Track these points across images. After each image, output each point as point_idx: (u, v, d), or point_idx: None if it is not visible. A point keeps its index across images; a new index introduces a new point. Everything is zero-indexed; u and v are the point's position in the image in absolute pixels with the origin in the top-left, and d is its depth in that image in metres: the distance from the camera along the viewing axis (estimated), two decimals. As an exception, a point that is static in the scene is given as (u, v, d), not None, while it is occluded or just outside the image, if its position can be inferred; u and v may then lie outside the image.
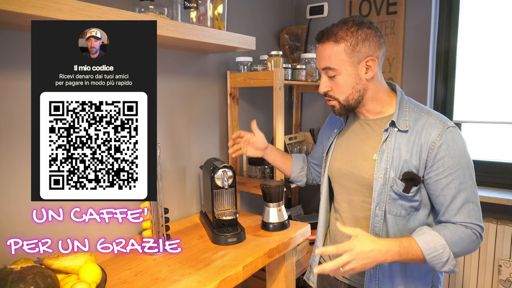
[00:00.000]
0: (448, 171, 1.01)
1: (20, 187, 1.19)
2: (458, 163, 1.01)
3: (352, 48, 1.04)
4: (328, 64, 1.07)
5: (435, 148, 1.01)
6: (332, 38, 1.05)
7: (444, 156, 1.00)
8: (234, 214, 1.42)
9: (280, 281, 1.52)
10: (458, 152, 1.01)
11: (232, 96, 1.81)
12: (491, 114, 1.92)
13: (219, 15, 1.43)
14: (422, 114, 1.08)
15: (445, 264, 0.98)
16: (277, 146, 1.67)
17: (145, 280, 1.10)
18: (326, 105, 2.28)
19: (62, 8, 0.90)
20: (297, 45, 2.21)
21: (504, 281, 1.77)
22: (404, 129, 1.06)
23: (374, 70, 1.07)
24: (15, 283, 0.80)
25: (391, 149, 1.06)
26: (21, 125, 1.12)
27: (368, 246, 0.94)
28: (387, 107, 1.12)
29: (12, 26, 1.02)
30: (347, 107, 1.10)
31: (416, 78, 1.95)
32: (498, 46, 1.86)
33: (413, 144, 1.04)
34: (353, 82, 1.07)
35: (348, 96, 1.09)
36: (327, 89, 1.11)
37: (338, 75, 1.07)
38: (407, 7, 1.94)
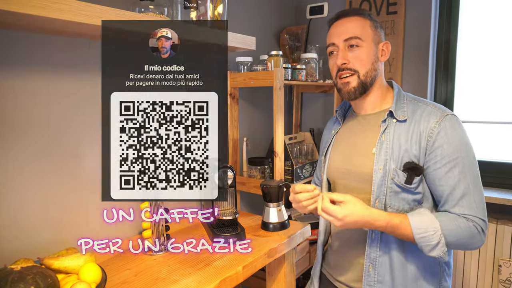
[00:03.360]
0: (446, 159, 0.97)
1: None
2: (457, 150, 0.98)
3: (375, 27, 1.09)
4: (354, 33, 1.06)
5: (434, 135, 0.99)
6: (360, 13, 1.09)
7: (442, 143, 0.98)
8: (234, 214, 1.42)
9: (280, 281, 1.52)
10: (458, 139, 0.99)
11: (232, 96, 1.81)
12: (492, 114, 1.92)
13: (219, 15, 1.43)
14: (420, 104, 1.07)
15: (433, 248, 0.95)
16: (277, 146, 1.67)
17: (145, 280, 1.10)
18: (326, 105, 2.28)
19: (62, 8, 0.90)
20: (297, 45, 2.21)
21: (504, 281, 1.77)
22: (403, 119, 1.04)
23: (388, 55, 1.10)
24: (15, 283, 0.80)
25: (391, 140, 1.04)
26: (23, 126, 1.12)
27: (359, 208, 0.96)
28: (386, 101, 1.12)
29: (12, 26, 1.02)
30: (363, 84, 1.07)
31: (416, 78, 1.95)
32: (498, 47, 1.86)
33: (412, 133, 1.02)
34: (373, 58, 1.07)
35: (367, 71, 1.07)
36: (346, 61, 1.07)
37: (362, 47, 1.06)
38: (407, 7, 1.94)
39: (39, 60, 1.15)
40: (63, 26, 1.02)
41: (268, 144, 2.10)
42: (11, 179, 1.11)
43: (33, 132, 1.14)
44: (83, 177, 1.28)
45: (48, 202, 1.19)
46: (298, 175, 1.86)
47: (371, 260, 1.07)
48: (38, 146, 1.16)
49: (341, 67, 1.08)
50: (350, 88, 1.08)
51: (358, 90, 1.07)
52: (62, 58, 1.20)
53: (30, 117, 1.13)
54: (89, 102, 1.28)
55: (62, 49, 1.20)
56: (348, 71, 1.07)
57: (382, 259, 1.06)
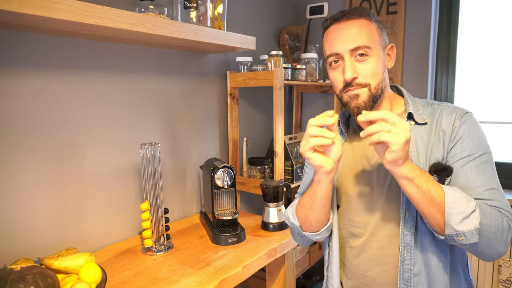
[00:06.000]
0: (466, 153, 0.89)
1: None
2: (479, 146, 0.90)
3: (380, 29, 0.94)
4: (362, 41, 0.89)
5: (455, 130, 0.91)
6: (365, 14, 0.92)
7: (464, 138, 0.90)
8: (234, 214, 1.42)
9: (280, 281, 1.52)
10: (479, 135, 0.91)
11: (232, 96, 1.81)
12: (492, 114, 1.92)
13: (219, 15, 1.43)
14: (435, 106, 0.98)
15: (466, 218, 0.80)
16: (277, 146, 1.67)
17: (145, 280, 1.10)
18: (326, 105, 2.28)
19: (62, 8, 0.90)
20: (297, 45, 2.21)
21: (504, 281, 1.77)
22: (422, 122, 0.95)
23: (394, 60, 0.98)
24: (15, 283, 0.80)
25: (413, 144, 0.94)
26: (20, 125, 1.12)
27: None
28: (395, 108, 1.01)
29: (12, 26, 1.02)
30: (374, 97, 0.92)
31: (416, 78, 1.95)
32: (499, 47, 1.86)
33: (435, 134, 0.93)
34: (382, 67, 0.93)
35: (379, 82, 0.92)
36: (355, 75, 0.90)
37: (372, 57, 0.91)
38: (407, 7, 1.94)
39: (39, 60, 1.15)
40: (63, 26, 1.02)
41: (268, 144, 2.10)
42: (11, 179, 1.11)
43: (33, 132, 1.14)
44: (83, 177, 1.28)
45: (48, 202, 1.19)
46: (298, 175, 1.86)
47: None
48: (38, 146, 1.16)
49: (349, 82, 0.91)
50: (360, 102, 0.92)
51: (368, 104, 0.92)
52: (61, 58, 1.20)
53: (29, 117, 1.13)
54: (89, 102, 1.28)
55: (62, 49, 1.20)
56: (358, 86, 0.91)
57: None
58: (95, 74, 1.29)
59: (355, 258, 1.01)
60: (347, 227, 1.02)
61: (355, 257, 1.01)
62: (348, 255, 1.03)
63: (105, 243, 1.35)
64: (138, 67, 1.43)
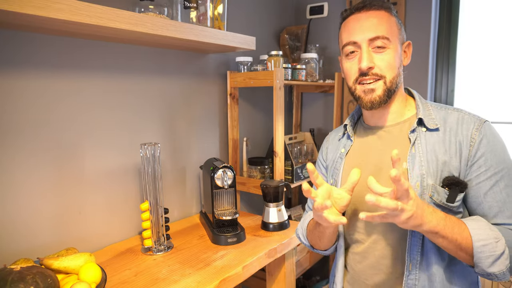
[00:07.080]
0: (492, 171, 0.84)
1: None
2: (502, 161, 0.85)
3: (400, 25, 0.93)
4: (382, 32, 0.88)
5: (475, 144, 0.86)
6: (386, 6, 0.91)
7: (485, 152, 0.85)
8: (234, 214, 1.42)
9: (280, 281, 1.52)
10: (501, 148, 0.87)
11: (232, 96, 1.81)
12: (492, 114, 1.92)
13: (219, 15, 1.43)
14: (449, 111, 0.93)
15: (496, 260, 0.77)
16: (277, 146, 1.67)
17: (145, 280, 1.10)
18: (326, 105, 2.28)
19: (62, 8, 0.90)
20: (297, 45, 2.21)
21: (504, 281, 1.77)
22: (434, 127, 0.90)
23: (410, 58, 0.96)
24: (15, 283, 0.80)
25: (424, 152, 0.89)
26: (22, 125, 1.12)
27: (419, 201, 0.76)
28: (407, 110, 0.98)
29: (13, 26, 1.02)
30: (389, 91, 0.91)
31: (416, 78, 1.95)
32: (499, 47, 1.86)
33: (450, 143, 0.88)
34: (398, 61, 0.91)
35: (394, 76, 0.90)
36: (372, 65, 0.89)
37: (390, 49, 0.89)
38: (407, 7, 1.94)
39: (41, 60, 1.15)
40: (63, 26, 1.02)
41: (268, 144, 2.10)
42: (11, 180, 1.11)
43: (33, 132, 1.14)
44: (83, 177, 1.28)
45: (48, 202, 1.19)
46: (298, 175, 1.86)
47: None
48: (38, 147, 1.16)
49: (365, 71, 0.90)
50: (375, 96, 0.90)
51: (383, 99, 0.91)
52: (62, 58, 1.20)
53: (29, 117, 1.13)
54: (89, 102, 1.28)
55: (62, 49, 1.20)
56: (373, 76, 0.90)
57: None
58: (96, 75, 1.29)
59: (357, 265, 1.00)
60: (353, 232, 1.01)
61: (357, 263, 1.00)
62: (351, 261, 1.02)
63: (105, 243, 1.35)
64: (138, 67, 1.43)
